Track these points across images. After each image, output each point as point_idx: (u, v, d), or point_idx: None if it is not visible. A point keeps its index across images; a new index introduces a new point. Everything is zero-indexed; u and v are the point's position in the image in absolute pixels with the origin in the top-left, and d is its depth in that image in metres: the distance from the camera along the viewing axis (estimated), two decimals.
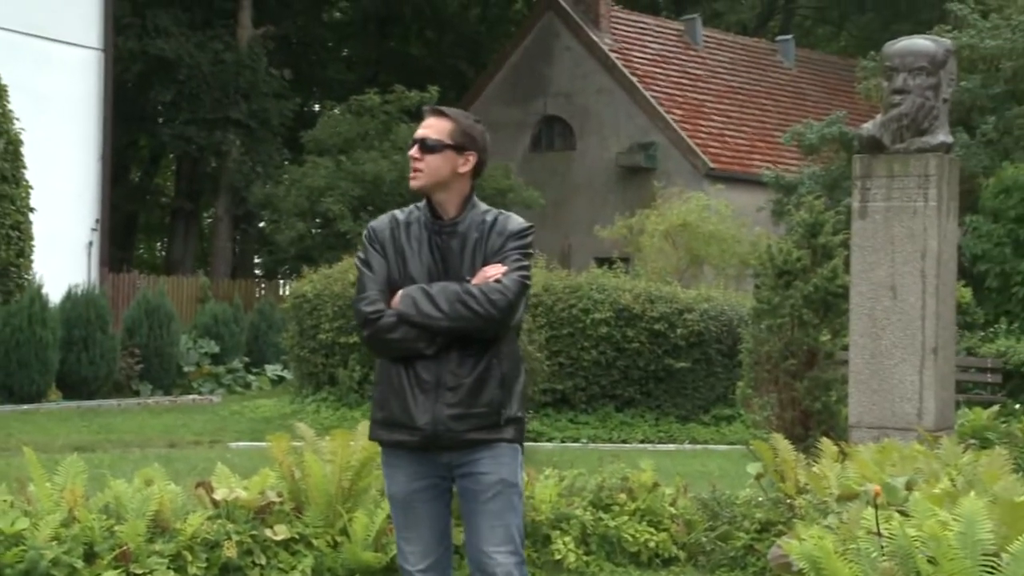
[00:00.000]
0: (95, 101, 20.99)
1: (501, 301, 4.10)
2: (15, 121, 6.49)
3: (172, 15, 29.24)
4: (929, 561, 4.27)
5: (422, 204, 4.33)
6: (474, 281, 4.17)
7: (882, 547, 4.52)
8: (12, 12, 19.33)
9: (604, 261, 18.99)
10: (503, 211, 4.38)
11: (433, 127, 4.25)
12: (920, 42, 7.98)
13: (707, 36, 32.31)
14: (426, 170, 4.24)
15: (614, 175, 27.67)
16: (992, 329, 15.79)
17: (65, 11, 20.51)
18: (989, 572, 4.15)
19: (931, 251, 7.71)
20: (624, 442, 13.75)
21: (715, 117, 28.93)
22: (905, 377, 7.70)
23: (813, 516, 6.02)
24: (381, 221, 4.36)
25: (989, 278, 16.78)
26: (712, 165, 26.44)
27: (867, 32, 37.25)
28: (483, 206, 4.35)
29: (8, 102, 6.66)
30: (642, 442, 13.86)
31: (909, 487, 5.55)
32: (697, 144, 27.03)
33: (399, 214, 4.35)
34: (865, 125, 8.16)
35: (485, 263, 4.20)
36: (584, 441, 13.68)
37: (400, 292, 4.18)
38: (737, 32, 37.07)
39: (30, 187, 6.50)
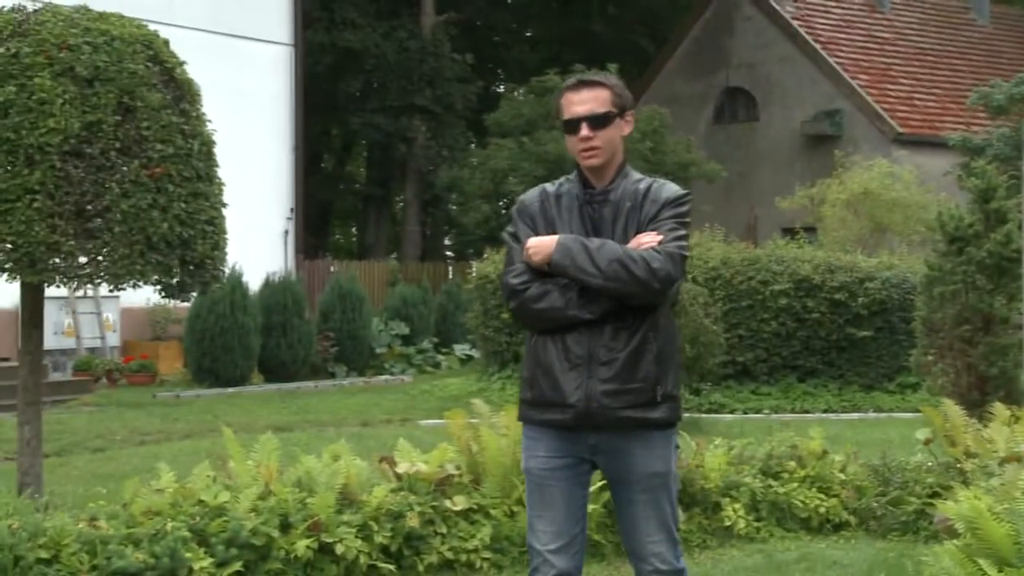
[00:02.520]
0: (287, 95, 21.85)
1: (662, 270, 3.87)
2: (208, 123, 6.96)
3: (358, 6, 30.05)
4: None
5: (573, 175, 4.13)
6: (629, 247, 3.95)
7: None
8: (208, 13, 20.25)
9: (790, 232, 18.90)
10: (658, 178, 4.16)
11: (593, 99, 4.03)
12: None
13: None
14: (603, 145, 4.03)
15: (799, 144, 27.36)
16: None
17: (258, 10, 21.39)
18: None
19: None
20: (806, 412, 13.76)
21: (903, 80, 28.29)
22: None
23: (979, 479, 6.07)
24: (531, 195, 4.17)
25: None
26: (901, 130, 25.90)
27: None
28: (636, 174, 4.13)
29: (201, 105, 7.14)
30: (825, 412, 13.85)
31: None
32: (885, 109, 26.50)
33: (549, 187, 4.16)
34: None
35: (639, 231, 3.98)
36: (766, 412, 13.74)
37: (555, 238, 3.96)
38: None
39: (223, 184, 6.96)
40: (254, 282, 17.66)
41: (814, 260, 14.81)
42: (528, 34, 40.18)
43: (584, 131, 4.00)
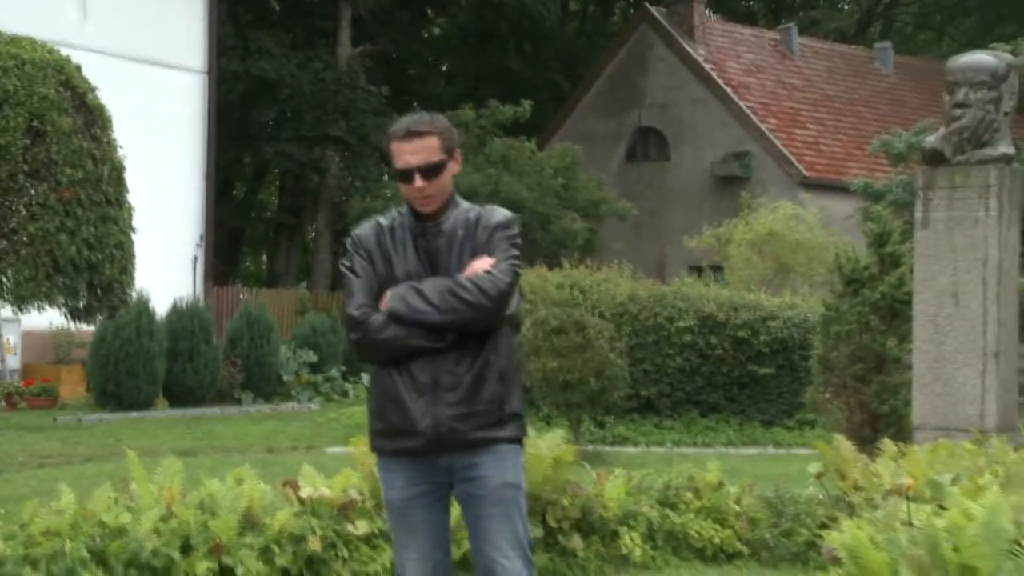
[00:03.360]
0: (200, 122, 21.79)
1: (492, 290, 4.01)
2: (119, 148, 7.02)
3: (273, 36, 30.04)
4: (953, 549, 4.54)
5: (404, 209, 4.24)
6: (464, 275, 4.08)
7: (914, 537, 4.81)
8: (122, 39, 20.15)
9: (697, 270, 19.23)
10: (487, 206, 4.30)
11: (425, 149, 4.11)
12: (982, 57, 8.19)
13: (803, 44, 32.30)
14: (437, 192, 4.14)
15: (709, 184, 27.84)
16: None
17: (171, 37, 21.34)
18: (1010, 557, 4.42)
19: (992, 259, 7.91)
20: (708, 446, 14.02)
21: (810, 125, 28.94)
22: (967, 381, 7.91)
23: (865, 511, 6.29)
24: (365, 228, 4.28)
25: None
26: (807, 173, 26.49)
27: (969, 36, 36.81)
28: (464, 203, 4.25)
29: (112, 131, 7.19)
30: (726, 446, 14.12)
31: (955, 483, 5.83)
32: (792, 153, 27.09)
33: (383, 220, 4.26)
34: (928, 138, 8.39)
35: (473, 258, 4.11)
36: (669, 445, 13.97)
37: (389, 291, 4.10)
38: (835, 40, 36.95)
39: (132, 209, 7.03)
40: (162, 307, 17.55)
41: (719, 298, 15.12)
42: (444, 68, 40.44)
43: (418, 182, 4.10)
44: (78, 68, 7.30)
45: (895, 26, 42.75)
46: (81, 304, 7.12)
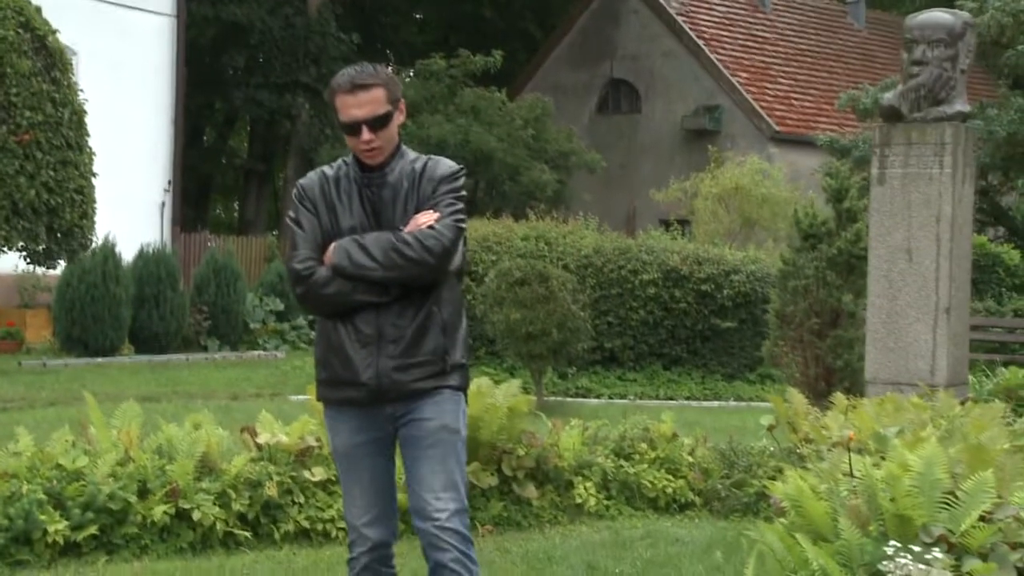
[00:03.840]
0: (168, 66, 21.65)
1: (436, 247, 4.03)
2: (80, 92, 7.01)
3: None
4: (890, 499, 4.65)
5: (350, 158, 4.23)
6: (407, 229, 4.08)
7: (853, 487, 4.91)
8: None
9: (666, 223, 19.32)
10: (432, 156, 4.27)
11: (371, 101, 4.09)
12: (939, 15, 8.25)
13: None
14: (384, 144, 4.13)
15: (679, 138, 27.86)
16: None
17: None
18: (944, 508, 4.52)
19: (945, 216, 8.01)
20: (670, 399, 14.17)
21: (782, 80, 28.96)
22: (919, 336, 8.03)
23: (814, 462, 6.40)
24: (310, 178, 4.26)
25: None
26: (777, 128, 26.53)
27: None
28: (412, 154, 4.23)
29: (73, 74, 7.17)
30: (688, 399, 14.27)
31: (899, 436, 5.94)
32: (763, 107, 27.11)
33: (328, 170, 4.25)
34: (885, 95, 8.46)
35: (418, 211, 4.12)
36: (632, 398, 14.10)
37: (333, 245, 4.09)
38: None
39: (93, 154, 7.01)
40: (128, 253, 17.51)
41: (683, 252, 15.22)
42: (417, 16, 40.19)
43: (365, 135, 4.08)
44: (38, 10, 7.27)
45: None
46: (41, 248, 7.13)
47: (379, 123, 4.10)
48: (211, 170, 35.28)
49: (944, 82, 8.02)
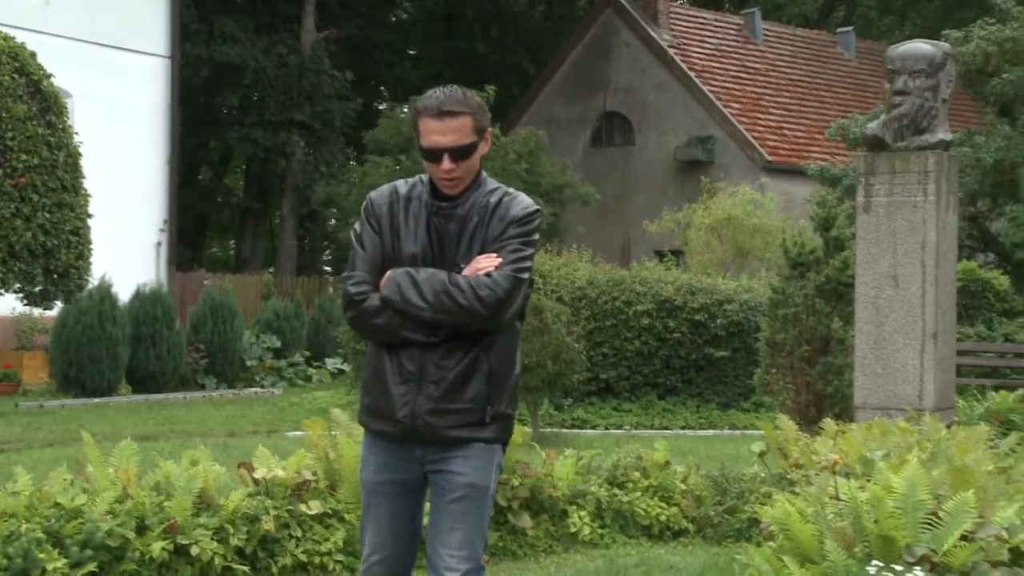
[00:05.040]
0: (163, 107, 21.83)
1: (489, 297, 3.85)
2: (75, 134, 7.12)
3: (237, 20, 30.04)
4: (875, 521, 4.74)
5: (426, 178, 4.04)
6: (466, 271, 3.91)
7: (839, 510, 5.00)
8: (83, 23, 20.17)
9: (660, 254, 19.44)
10: (511, 191, 4.06)
11: (457, 130, 3.90)
12: (920, 46, 8.38)
13: (767, 29, 32.49)
14: (464, 175, 3.96)
15: (673, 169, 28.02)
16: None
17: (134, 20, 21.36)
18: (927, 528, 4.61)
19: (930, 243, 8.12)
20: (666, 428, 14.22)
21: (773, 110, 29.16)
22: (907, 361, 8.12)
23: (803, 487, 6.48)
24: (381, 193, 4.08)
25: None
26: (769, 158, 26.70)
27: (931, 22, 37.13)
28: (491, 184, 4.04)
29: (68, 117, 7.29)
30: (683, 428, 14.33)
31: (885, 459, 6.02)
32: (755, 137, 27.29)
33: (401, 187, 4.06)
34: (869, 124, 8.59)
35: (483, 250, 3.93)
36: (627, 428, 14.17)
37: (387, 275, 3.95)
38: (799, 24, 37.20)
39: (89, 195, 7.13)
40: (125, 293, 17.61)
41: (676, 282, 15.33)
42: (411, 52, 40.48)
43: (446, 164, 3.91)
44: (33, 55, 7.38)
45: (858, 11, 43.03)
46: (37, 289, 7.22)
47: (462, 153, 3.93)
48: (207, 209, 35.48)
49: (926, 111, 8.15)
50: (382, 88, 38.48)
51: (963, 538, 4.46)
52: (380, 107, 37.54)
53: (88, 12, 20.45)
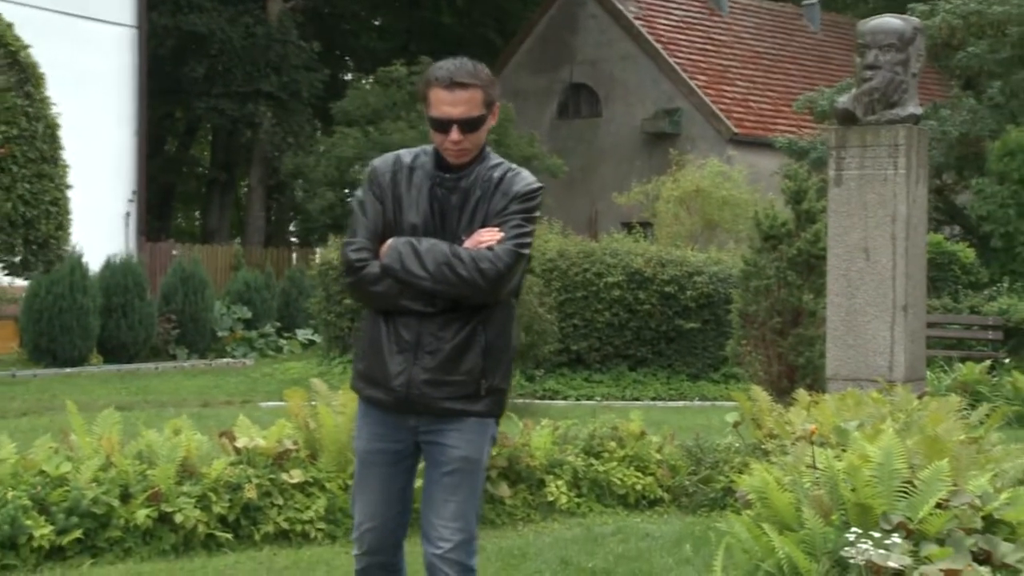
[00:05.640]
0: (130, 77, 21.73)
1: (490, 271, 3.86)
2: (53, 105, 7.12)
3: None
4: (851, 489, 4.86)
5: (430, 148, 4.05)
6: (467, 244, 3.92)
7: (816, 479, 5.12)
8: None
9: (628, 226, 19.55)
10: (514, 167, 4.06)
11: (467, 101, 3.90)
12: (890, 20, 8.51)
13: (732, 2, 32.50)
14: (471, 146, 3.97)
15: (639, 141, 28.10)
16: (995, 288, 16.29)
17: None
18: (902, 496, 4.74)
19: (901, 216, 8.26)
20: (636, 399, 14.36)
21: (739, 82, 29.26)
22: (878, 333, 8.28)
23: (778, 457, 6.61)
24: (385, 161, 4.09)
25: (994, 238, 17.29)
26: (736, 130, 26.82)
27: None
28: (494, 158, 4.05)
29: (45, 88, 7.29)
30: (653, 399, 14.48)
31: (859, 429, 6.15)
32: (721, 109, 27.40)
33: (405, 156, 4.07)
34: (840, 98, 8.72)
35: (485, 224, 3.95)
36: (598, 399, 14.30)
37: (388, 243, 3.96)
38: None
39: (67, 166, 7.14)
40: (95, 263, 17.58)
41: (646, 254, 15.44)
42: (377, 23, 40.31)
43: (454, 135, 3.92)
44: (10, 26, 7.37)
45: None
46: (17, 259, 7.24)
47: (471, 125, 3.93)
48: (173, 179, 35.28)
49: (896, 85, 8.27)
50: (347, 59, 38.32)
51: (938, 506, 4.59)
52: (347, 78, 37.47)
53: None
